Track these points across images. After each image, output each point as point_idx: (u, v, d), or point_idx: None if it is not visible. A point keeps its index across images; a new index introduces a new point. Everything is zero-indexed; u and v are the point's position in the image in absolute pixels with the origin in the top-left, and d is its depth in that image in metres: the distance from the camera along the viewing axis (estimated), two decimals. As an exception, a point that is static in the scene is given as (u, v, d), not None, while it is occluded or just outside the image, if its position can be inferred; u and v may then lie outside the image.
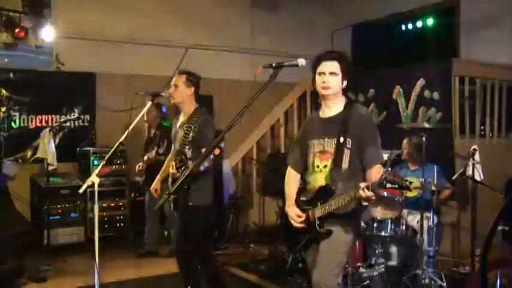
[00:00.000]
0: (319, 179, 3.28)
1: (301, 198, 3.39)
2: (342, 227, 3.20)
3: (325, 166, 3.26)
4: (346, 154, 3.17)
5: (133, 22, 7.64)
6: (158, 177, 4.66)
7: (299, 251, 3.46)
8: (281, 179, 3.66)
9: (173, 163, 4.20)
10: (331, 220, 3.19)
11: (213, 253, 6.10)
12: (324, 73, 3.24)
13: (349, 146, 3.17)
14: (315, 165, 3.31)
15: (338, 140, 3.19)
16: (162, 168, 4.67)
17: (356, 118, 3.22)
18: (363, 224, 4.98)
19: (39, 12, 6.78)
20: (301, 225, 3.29)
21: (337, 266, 3.23)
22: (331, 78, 3.22)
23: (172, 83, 4.39)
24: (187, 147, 4.22)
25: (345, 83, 3.27)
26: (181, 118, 4.43)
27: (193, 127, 4.24)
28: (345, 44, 8.97)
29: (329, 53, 3.31)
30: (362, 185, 2.89)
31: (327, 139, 3.27)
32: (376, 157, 3.15)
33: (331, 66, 3.23)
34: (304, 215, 3.29)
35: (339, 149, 3.18)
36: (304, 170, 3.46)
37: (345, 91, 3.34)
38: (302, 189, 3.45)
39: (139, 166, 6.44)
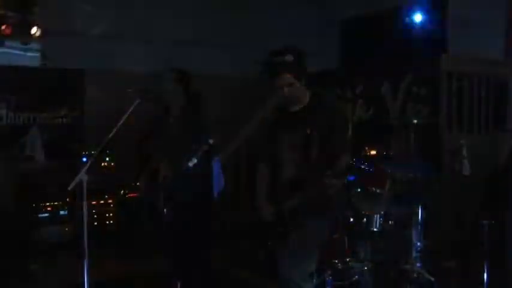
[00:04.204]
0: (289, 172, 3.32)
1: (273, 192, 3.40)
2: (315, 219, 3.23)
3: (294, 159, 3.30)
4: (314, 146, 3.21)
5: (121, 18, 7.58)
6: (145, 175, 4.62)
7: (270, 245, 3.45)
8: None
9: (163, 162, 4.20)
10: (303, 212, 3.20)
11: (203, 249, 6.10)
12: (282, 87, 3.24)
13: (316, 138, 3.21)
14: (285, 158, 3.35)
15: (306, 132, 3.24)
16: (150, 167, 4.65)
17: (323, 109, 3.30)
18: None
19: (26, 9, 6.71)
20: (272, 219, 3.32)
21: (306, 258, 3.24)
22: (291, 89, 3.25)
23: (162, 80, 4.37)
24: (179, 145, 4.21)
25: (304, 80, 3.30)
26: (171, 116, 4.42)
27: (186, 125, 4.23)
28: (333, 40, 8.96)
29: (281, 66, 3.23)
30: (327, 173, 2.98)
31: (295, 131, 3.31)
32: (341, 147, 3.20)
33: (287, 80, 3.23)
34: (273, 209, 3.31)
35: (307, 141, 3.23)
36: (274, 164, 3.46)
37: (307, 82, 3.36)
38: (274, 184, 3.45)
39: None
